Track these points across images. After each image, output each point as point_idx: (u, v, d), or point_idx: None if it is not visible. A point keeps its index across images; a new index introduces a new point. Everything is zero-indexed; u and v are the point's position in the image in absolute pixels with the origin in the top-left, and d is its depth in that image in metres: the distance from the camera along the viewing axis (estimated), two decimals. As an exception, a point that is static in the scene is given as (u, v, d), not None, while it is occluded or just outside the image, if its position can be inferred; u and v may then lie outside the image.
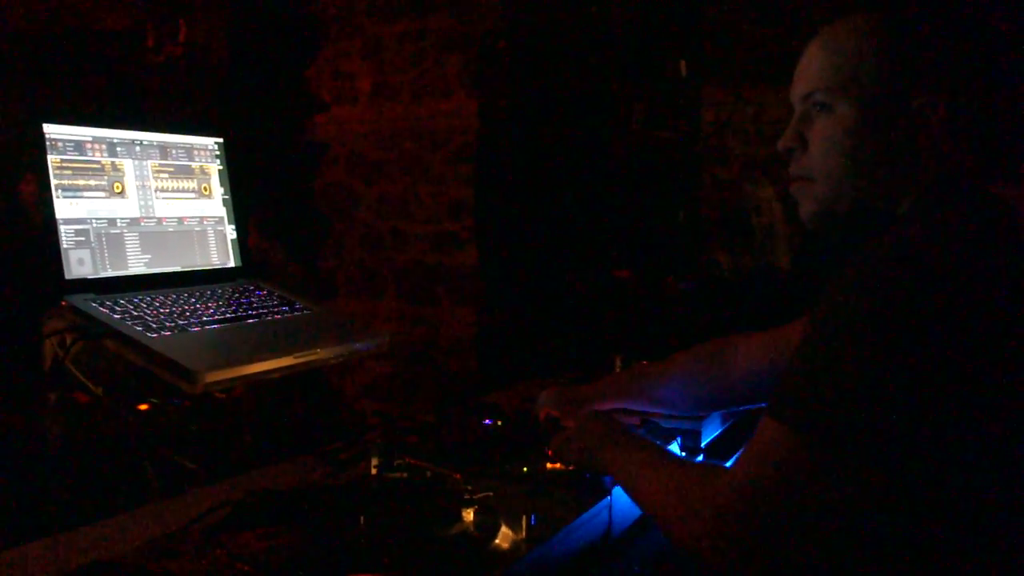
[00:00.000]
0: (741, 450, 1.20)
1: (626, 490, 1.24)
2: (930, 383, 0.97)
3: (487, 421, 1.58)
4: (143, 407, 1.53)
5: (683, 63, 3.54)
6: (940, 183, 1.13)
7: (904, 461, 0.99)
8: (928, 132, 1.12)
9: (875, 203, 1.17)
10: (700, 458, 1.56)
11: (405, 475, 1.32)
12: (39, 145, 1.54)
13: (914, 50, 1.13)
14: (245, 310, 1.65)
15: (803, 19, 3.27)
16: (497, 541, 1.13)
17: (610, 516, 1.31)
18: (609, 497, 1.30)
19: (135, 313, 1.50)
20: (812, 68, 1.19)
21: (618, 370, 1.90)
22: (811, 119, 1.19)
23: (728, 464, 1.53)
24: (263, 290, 1.77)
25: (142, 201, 1.68)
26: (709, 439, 1.62)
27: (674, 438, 1.51)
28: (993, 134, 1.14)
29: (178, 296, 1.62)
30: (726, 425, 1.70)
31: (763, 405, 1.57)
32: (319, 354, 1.57)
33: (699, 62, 3.62)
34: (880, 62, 1.13)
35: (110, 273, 1.59)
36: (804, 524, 1.01)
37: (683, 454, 1.51)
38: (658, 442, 1.47)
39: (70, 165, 1.57)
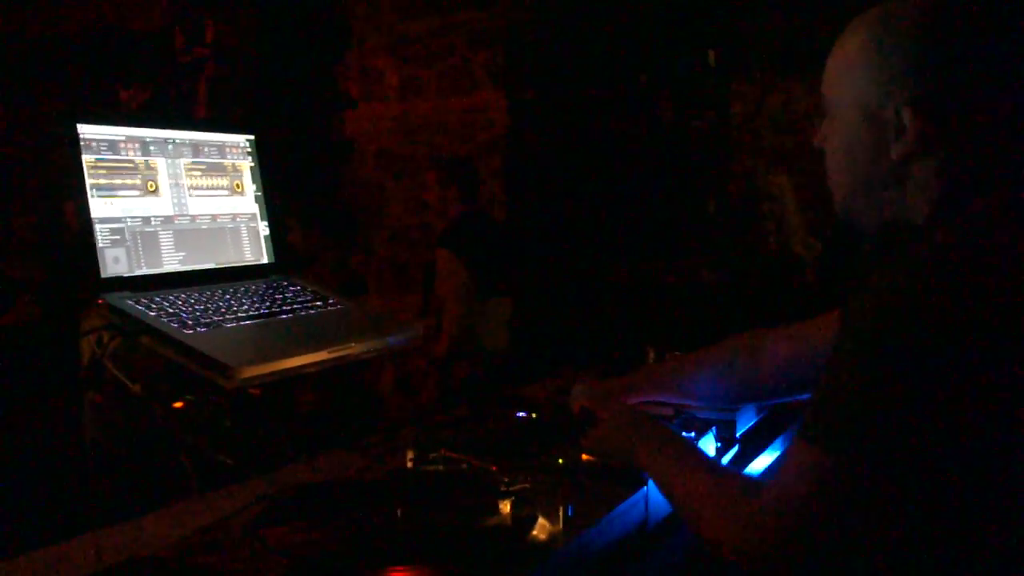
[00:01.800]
0: (772, 465, 1.20)
1: (659, 488, 1.24)
2: (959, 402, 0.96)
3: (521, 413, 1.57)
4: (179, 404, 1.54)
5: (712, 53, 3.52)
6: (952, 194, 1.12)
7: (938, 482, 0.99)
8: (904, 140, 1.12)
9: (887, 215, 1.18)
10: (735, 449, 1.56)
11: (441, 467, 1.32)
12: (74, 145, 1.56)
13: (885, 59, 1.12)
14: (279, 306, 1.66)
15: (832, 10, 3.23)
16: (535, 532, 1.13)
17: (647, 507, 1.31)
18: (646, 488, 1.30)
19: (170, 310, 1.50)
20: (825, 71, 1.22)
21: (651, 362, 1.89)
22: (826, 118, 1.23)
23: (756, 471, 1.52)
24: (296, 286, 1.77)
25: (175, 199, 1.69)
26: (744, 429, 1.61)
27: (709, 428, 1.50)
28: (992, 143, 1.12)
29: (212, 293, 1.63)
30: (761, 415, 1.69)
31: (794, 399, 1.57)
32: (353, 349, 1.57)
33: (728, 53, 3.60)
34: (860, 69, 1.14)
35: (145, 271, 1.60)
36: (837, 544, 1.00)
37: (719, 444, 1.51)
38: (692, 433, 1.47)
39: (104, 164, 1.58)
